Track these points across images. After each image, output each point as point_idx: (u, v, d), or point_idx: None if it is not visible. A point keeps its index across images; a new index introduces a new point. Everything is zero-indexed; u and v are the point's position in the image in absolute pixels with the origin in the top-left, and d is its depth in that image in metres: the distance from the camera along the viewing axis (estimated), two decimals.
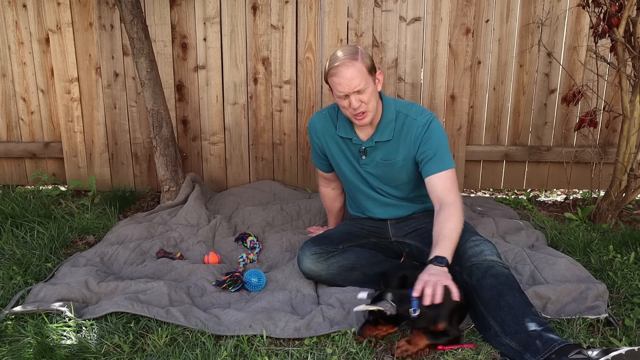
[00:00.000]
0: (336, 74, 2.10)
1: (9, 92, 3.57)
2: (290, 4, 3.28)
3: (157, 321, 1.99)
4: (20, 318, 2.03)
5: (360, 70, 2.09)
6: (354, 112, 2.15)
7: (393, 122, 2.24)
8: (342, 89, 2.10)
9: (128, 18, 2.96)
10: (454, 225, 2.01)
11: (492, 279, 1.93)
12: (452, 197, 2.10)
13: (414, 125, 2.21)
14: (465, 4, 3.25)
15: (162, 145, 3.14)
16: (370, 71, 2.13)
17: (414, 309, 1.83)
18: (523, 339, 1.77)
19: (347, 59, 2.09)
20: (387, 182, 2.33)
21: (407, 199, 2.37)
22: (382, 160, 2.28)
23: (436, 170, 2.15)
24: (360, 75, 2.08)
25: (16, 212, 2.96)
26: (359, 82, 2.08)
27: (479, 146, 3.53)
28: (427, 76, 3.38)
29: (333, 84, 2.14)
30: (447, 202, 2.08)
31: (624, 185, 2.98)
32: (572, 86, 3.33)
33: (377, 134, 2.25)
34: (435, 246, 1.97)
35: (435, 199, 2.13)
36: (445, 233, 1.99)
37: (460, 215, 2.05)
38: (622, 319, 2.03)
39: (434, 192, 2.14)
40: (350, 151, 2.34)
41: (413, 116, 2.23)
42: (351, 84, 2.08)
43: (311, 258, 2.26)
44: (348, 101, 2.13)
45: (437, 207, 2.10)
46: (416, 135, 2.21)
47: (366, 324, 1.90)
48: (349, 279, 2.26)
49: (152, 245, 2.67)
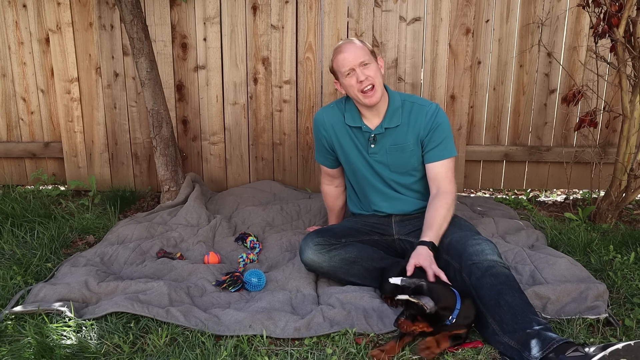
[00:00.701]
0: (341, 51, 2.26)
1: (9, 92, 3.57)
2: (290, 4, 3.28)
3: (157, 321, 1.99)
4: (20, 318, 2.03)
5: (363, 48, 2.26)
6: (362, 87, 2.22)
7: (400, 108, 2.33)
8: (347, 63, 2.23)
9: (128, 18, 2.96)
10: (446, 214, 2.20)
11: (492, 278, 1.94)
12: (450, 186, 2.28)
13: (423, 111, 2.32)
14: (465, 4, 3.25)
15: (162, 145, 3.14)
16: (372, 53, 2.29)
17: (452, 318, 1.84)
18: (522, 338, 1.77)
19: (350, 41, 2.29)
20: (396, 169, 2.37)
21: (413, 189, 2.41)
22: (392, 145, 2.33)
23: (440, 158, 2.30)
24: (363, 51, 2.25)
25: (16, 212, 2.96)
26: (363, 56, 2.23)
27: (479, 146, 3.53)
28: (427, 76, 3.38)
29: (338, 63, 2.26)
30: (445, 189, 2.26)
31: (624, 185, 2.98)
32: (572, 86, 3.33)
33: (386, 121, 2.32)
34: (427, 230, 2.16)
35: (434, 184, 2.30)
36: (437, 219, 2.18)
37: (453, 205, 2.24)
38: (622, 319, 2.03)
39: (434, 178, 2.30)
40: (359, 140, 2.38)
41: (420, 103, 2.36)
42: (356, 57, 2.22)
43: (314, 249, 2.25)
44: (355, 77, 2.22)
45: (434, 191, 2.28)
46: (427, 120, 2.31)
47: (402, 317, 1.85)
48: (350, 272, 2.26)
49: (152, 245, 2.68)
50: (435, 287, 1.88)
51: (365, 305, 2.10)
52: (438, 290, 1.87)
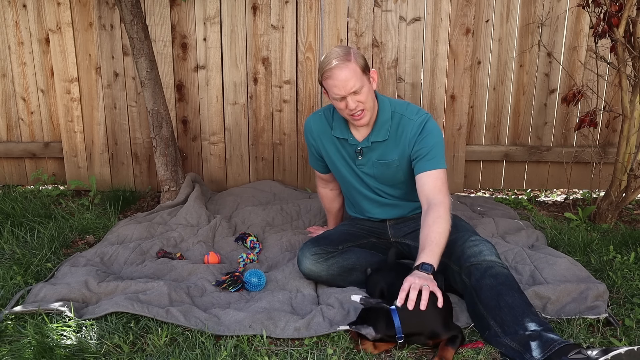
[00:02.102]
0: (331, 77, 2.08)
1: (9, 92, 3.57)
2: (290, 4, 3.28)
3: (157, 321, 1.99)
4: (20, 318, 2.03)
5: (354, 70, 2.07)
6: (351, 112, 2.14)
7: (389, 121, 2.23)
8: (337, 91, 2.09)
9: (128, 18, 2.96)
10: (442, 229, 1.97)
11: (492, 279, 1.93)
12: (440, 197, 2.06)
13: (410, 125, 2.20)
14: (465, 4, 3.25)
15: (162, 145, 3.14)
16: (364, 70, 2.12)
17: (399, 336, 1.78)
18: (523, 339, 1.77)
19: (341, 61, 2.07)
20: (384, 182, 2.32)
21: (405, 199, 2.37)
22: (377, 160, 2.27)
23: (428, 168, 2.14)
24: (355, 76, 2.07)
25: (16, 212, 2.96)
26: (354, 83, 2.07)
27: (479, 146, 3.53)
28: (427, 76, 3.38)
29: (328, 86, 2.12)
30: (435, 201, 2.05)
31: (624, 185, 2.98)
32: (572, 86, 3.33)
33: (372, 134, 2.24)
34: (422, 251, 1.93)
35: (424, 198, 2.10)
36: (432, 237, 1.95)
37: (448, 217, 2.01)
38: (622, 319, 2.03)
39: (423, 190, 2.12)
40: (347, 152, 2.33)
41: (409, 116, 2.22)
42: (347, 86, 2.06)
43: (311, 259, 2.25)
44: (345, 103, 2.11)
45: (425, 207, 2.07)
46: (412, 134, 2.20)
47: (362, 338, 1.84)
48: (349, 279, 2.26)
49: (152, 245, 2.68)
50: (371, 314, 1.83)
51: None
52: (373, 316, 1.81)
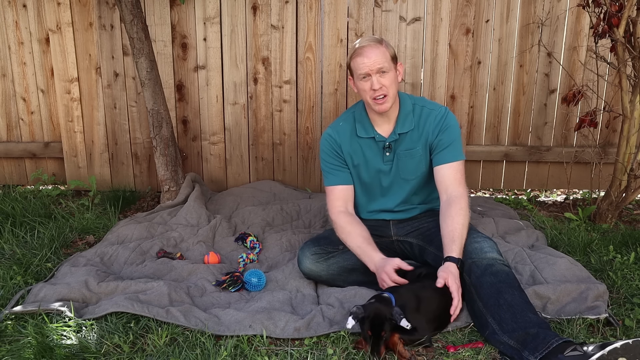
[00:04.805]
0: (361, 54, 2.15)
1: (9, 92, 3.57)
2: (290, 4, 3.28)
3: (157, 321, 1.99)
4: (20, 318, 2.03)
5: (384, 53, 2.15)
6: (375, 94, 2.16)
7: (411, 113, 2.29)
8: (365, 67, 2.14)
9: (128, 18, 2.96)
10: (465, 222, 2.09)
11: (492, 277, 1.94)
12: (461, 190, 2.17)
13: (432, 115, 2.27)
14: (465, 4, 3.25)
15: (162, 145, 3.14)
16: (393, 58, 2.20)
17: (400, 316, 1.81)
18: (521, 337, 1.77)
19: (373, 42, 2.17)
20: (405, 176, 2.32)
21: (415, 203, 2.37)
22: (404, 151, 2.29)
23: (449, 160, 2.22)
24: (384, 57, 2.14)
25: (16, 212, 2.96)
26: (383, 62, 2.14)
27: (479, 146, 3.53)
28: (427, 76, 3.38)
29: (356, 65, 2.17)
30: (456, 194, 2.15)
31: (624, 185, 2.98)
32: (572, 86, 3.33)
33: (398, 126, 2.28)
34: (452, 243, 2.04)
35: (443, 189, 2.20)
36: (458, 231, 2.06)
37: (468, 210, 2.13)
38: (622, 319, 2.03)
39: (443, 181, 2.21)
40: (372, 150, 2.31)
41: (430, 107, 2.30)
42: (375, 62, 2.13)
43: (311, 258, 2.26)
44: (370, 82, 2.15)
45: (445, 198, 2.17)
46: (435, 123, 2.26)
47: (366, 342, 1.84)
48: (348, 279, 2.26)
49: (152, 245, 2.67)
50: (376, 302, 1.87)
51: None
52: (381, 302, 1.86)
